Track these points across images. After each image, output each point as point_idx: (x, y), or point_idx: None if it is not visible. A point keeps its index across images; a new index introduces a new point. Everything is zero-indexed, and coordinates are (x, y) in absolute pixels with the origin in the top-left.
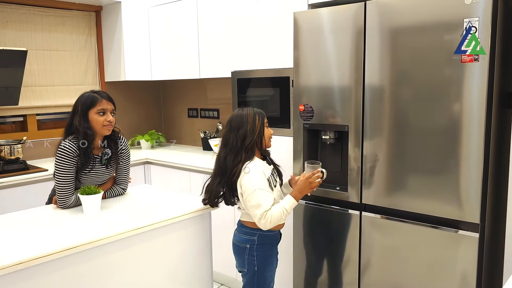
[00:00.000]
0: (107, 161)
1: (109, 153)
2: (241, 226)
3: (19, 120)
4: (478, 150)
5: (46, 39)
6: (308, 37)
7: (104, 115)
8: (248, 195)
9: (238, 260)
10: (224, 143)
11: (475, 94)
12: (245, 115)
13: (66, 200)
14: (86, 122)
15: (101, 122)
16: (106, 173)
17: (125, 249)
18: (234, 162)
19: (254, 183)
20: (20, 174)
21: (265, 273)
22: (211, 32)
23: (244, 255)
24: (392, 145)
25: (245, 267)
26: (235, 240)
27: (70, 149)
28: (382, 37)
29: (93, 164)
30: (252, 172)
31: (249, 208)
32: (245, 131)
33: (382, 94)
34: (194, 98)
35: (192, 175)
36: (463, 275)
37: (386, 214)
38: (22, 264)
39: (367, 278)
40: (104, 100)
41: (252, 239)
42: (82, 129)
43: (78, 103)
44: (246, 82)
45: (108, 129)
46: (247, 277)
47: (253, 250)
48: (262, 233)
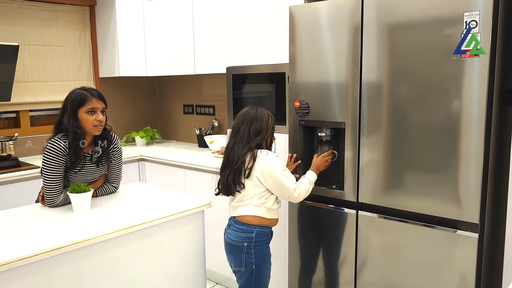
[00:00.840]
0: (98, 159)
1: (100, 151)
2: (237, 224)
3: (12, 116)
4: (477, 148)
5: (39, 34)
6: (304, 32)
7: (94, 114)
8: (277, 173)
9: (233, 259)
10: (234, 133)
11: (475, 91)
12: (259, 114)
13: (54, 199)
14: (75, 121)
15: (91, 121)
16: (97, 171)
17: (115, 248)
18: (242, 151)
19: (277, 162)
20: (12, 171)
21: (263, 270)
22: (206, 27)
23: (241, 253)
24: (389, 142)
25: (242, 266)
26: (230, 239)
27: (59, 147)
28: (380, 32)
29: (83, 163)
30: (270, 154)
31: (280, 185)
32: (260, 128)
33: (380, 90)
34: (190, 94)
35: (187, 173)
36: (462, 276)
37: (383, 213)
38: (6, 264)
39: (363, 278)
40: (94, 98)
41: (250, 236)
42: (72, 128)
43: (68, 101)
44: (241, 78)
45: (98, 130)
46: (245, 277)
47: (250, 248)
48: (259, 230)
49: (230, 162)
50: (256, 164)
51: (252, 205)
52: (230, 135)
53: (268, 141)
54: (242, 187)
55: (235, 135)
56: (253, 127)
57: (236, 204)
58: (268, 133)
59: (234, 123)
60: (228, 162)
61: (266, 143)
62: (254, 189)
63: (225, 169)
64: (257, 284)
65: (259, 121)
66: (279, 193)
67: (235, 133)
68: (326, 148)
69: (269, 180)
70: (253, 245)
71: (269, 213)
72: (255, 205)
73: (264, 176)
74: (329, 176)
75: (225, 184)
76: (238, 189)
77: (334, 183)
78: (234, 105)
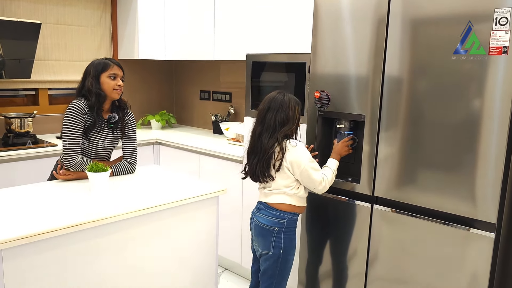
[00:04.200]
0: (114, 125)
1: (116, 117)
2: (269, 209)
3: (31, 94)
4: (499, 147)
5: (60, 13)
6: (328, 22)
7: (115, 79)
8: (305, 164)
9: (263, 243)
10: (260, 120)
11: (498, 88)
12: (286, 101)
13: (72, 159)
14: (98, 84)
15: (112, 85)
16: (113, 139)
17: (131, 228)
18: (269, 142)
19: (306, 153)
20: (30, 148)
21: (289, 256)
22: (227, 13)
23: (271, 237)
24: (408, 137)
25: (270, 250)
26: (262, 223)
27: (79, 107)
28: (406, 26)
29: (101, 127)
30: (299, 144)
31: (307, 177)
32: (286, 117)
33: (401, 85)
34: (207, 80)
35: (202, 158)
36: (474, 275)
37: (398, 208)
38: (26, 238)
39: (374, 272)
40: (116, 66)
41: (282, 222)
42: (95, 89)
43: (91, 66)
44: (261, 66)
45: (118, 93)
46: (271, 260)
47: (281, 233)
48: (291, 217)
49: (257, 151)
50: (285, 155)
51: (285, 194)
52: (256, 120)
53: (294, 130)
54: (272, 179)
55: (261, 122)
56: (279, 116)
57: (268, 192)
58: (295, 123)
59: (260, 108)
60: (255, 149)
61: (293, 133)
62: (286, 179)
63: (252, 155)
64: (281, 269)
65: (285, 109)
66: (305, 184)
67: (261, 119)
68: (346, 134)
69: (297, 171)
70: (284, 231)
71: (300, 201)
72: (289, 195)
73: (293, 167)
74: (345, 169)
75: (253, 172)
76: (267, 180)
77: (350, 175)
78: (253, 93)
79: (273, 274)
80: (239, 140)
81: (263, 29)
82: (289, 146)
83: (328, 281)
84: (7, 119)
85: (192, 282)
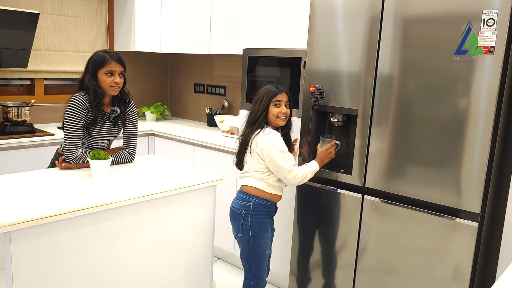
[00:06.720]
0: (115, 118)
1: (117, 111)
2: (240, 193)
3: (27, 83)
4: (483, 143)
5: (57, 4)
6: (324, 20)
7: (112, 76)
8: (273, 153)
9: (234, 225)
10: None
11: (485, 87)
12: (259, 93)
13: (73, 152)
14: (95, 81)
15: (108, 83)
16: (114, 131)
17: (132, 214)
18: (246, 131)
19: (278, 143)
20: (27, 137)
21: (260, 239)
22: (224, 7)
23: (240, 220)
24: (399, 132)
25: (240, 232)
26: (233, 207)
27: (80, 102)
28: (398, 25)
29: (102, 121)
30: (273, 134)
31: (276, 165)
32: (253, 107)
33: (393, 82)
34: (201, 73)
35: (197, 150)
36: (458, 263)
37: (388, 198)
38: (33, 221)
39: (363, 262)
40: (114, 61)
41: (247, 205)
42: (92, 87)
43: (90, 62)
44: (256, 61)
45: (115, 90)
46: (243, 242)
47: (247, 216)
48: (257, 201)
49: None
50: (258, 142)
51: (254, 178)
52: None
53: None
54: (245, 162)
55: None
56: (252, 106)
57: (242, 175)
58: (260, 109)
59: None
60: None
61: (266, 119)
62: (256, 164)
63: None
64: (255, 251)
65: (256, 98)
66: (275, 172)
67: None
68: (329, 140)
69: (266, 158)
70: (250, 214)
71: (269, 188)
72: (257, 179)
73: (263, 154)
74: (338, 161)
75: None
76: (242, 164)
77: (342, 167)
78: (248, 87)
79: (249, 257)
80: (234, 133)
81: (259, 24)
82: (262, 134)
83: (319, 270)
84: (5, 108)
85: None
